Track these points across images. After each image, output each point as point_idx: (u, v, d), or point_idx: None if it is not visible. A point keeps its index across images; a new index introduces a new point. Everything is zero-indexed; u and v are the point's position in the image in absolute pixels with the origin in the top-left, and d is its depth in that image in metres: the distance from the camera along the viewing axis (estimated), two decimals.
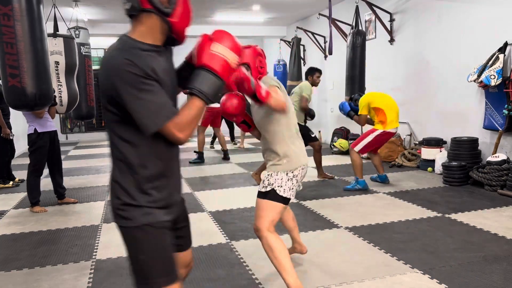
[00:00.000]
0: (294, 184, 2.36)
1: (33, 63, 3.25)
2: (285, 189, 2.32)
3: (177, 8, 1.40)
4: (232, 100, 2.33)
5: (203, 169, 6.76)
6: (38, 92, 3.28)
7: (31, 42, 3.24)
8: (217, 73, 1.41)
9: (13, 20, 3.19)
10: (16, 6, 3.20)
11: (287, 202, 2.36)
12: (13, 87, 3.23)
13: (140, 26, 1.40)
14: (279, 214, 2.35)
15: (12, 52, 3.19)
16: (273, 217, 2.32)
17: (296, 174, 2.36)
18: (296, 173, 2.36)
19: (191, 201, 4.73)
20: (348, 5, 8.05)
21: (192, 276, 2.77)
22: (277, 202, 2.32)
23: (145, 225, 1.45)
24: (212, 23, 10.50)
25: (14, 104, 3.36)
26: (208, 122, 7.43)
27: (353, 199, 4.56)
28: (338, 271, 2.77)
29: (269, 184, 2.34)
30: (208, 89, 1.40)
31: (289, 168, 2.34)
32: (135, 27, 1.42)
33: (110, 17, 9.37)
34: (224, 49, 1.43)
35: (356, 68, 6.50)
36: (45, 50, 3.39)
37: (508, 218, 3.71)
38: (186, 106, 1.40)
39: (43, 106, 3.43)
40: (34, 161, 4.47)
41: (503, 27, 4.98)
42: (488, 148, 5.30)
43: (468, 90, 5.55)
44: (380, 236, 3.39)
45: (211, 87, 1.41)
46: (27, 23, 3.24)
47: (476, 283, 2.52)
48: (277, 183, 2.32)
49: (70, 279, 2.80)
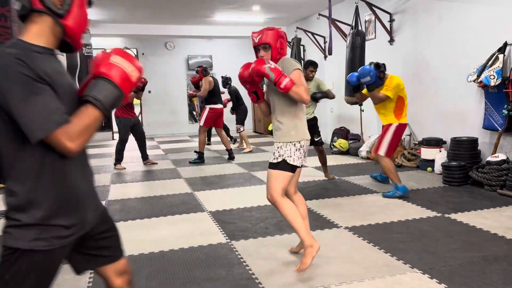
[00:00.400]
0: (302, 154, 2.72)
1: None
2: (294, 158, 2.68)
3: (72, 10, 1.35)
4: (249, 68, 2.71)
5: (203, 169, 6.77)
6: None
7: None
8: (116, 82, 1.33)
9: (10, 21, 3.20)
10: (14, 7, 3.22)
11: (295, 170, 2.73)
12: None
13: (31, 27, 1.32)
14: (287, 180, 2.71)
15: None
16: (283, 183, 2.69)
17: (302, 145, 2.72)
18: (303, 143, 2.72)
19: (191, 201, 4.74)
20: (348, 5, 8.06)
21: (192, 275, 2.78)
22: (286, 172, 2.68)
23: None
24: (212, 23, 10.50)
25: None
26: (210, 122, 7.43)
27: (353, 199, 4.57)
28: (338, 271, 2.78)
29: (280, 155, 2.69)
30: (104, 98, 1.31)
31: (296, 139, 2.69)
32: (26, 29, 1.33)
33: (110, 17, 9.37)
34: (123, 61, 1.37)
35: (356, 69, 6.50)
36: None
37: (507, 218, 3.71)
38: (77, 114, 1.29)
39: None
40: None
41: (502, 27, 4.99)
42: (487, 148, 5.30)
43: (468, 90, 5.56)
44: (380, 236, 3.39)
45: (109, 96, 1.32)
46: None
47: (476, 283, 2.52)
48: (287, 154, 2.68)
49: (70, 279, 2.80)
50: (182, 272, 2.85)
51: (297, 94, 2.59)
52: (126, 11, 8.89)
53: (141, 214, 4.29)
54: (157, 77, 12.28)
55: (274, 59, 2.70)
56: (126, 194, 5.16)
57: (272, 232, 3.56)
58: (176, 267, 2.93)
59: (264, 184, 5.47)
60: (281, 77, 2.57)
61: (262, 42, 2.71)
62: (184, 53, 12.79)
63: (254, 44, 2.76)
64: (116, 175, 6.43)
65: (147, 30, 10.56)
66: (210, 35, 11.26)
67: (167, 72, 12.42)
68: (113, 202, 4.82)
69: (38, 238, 1.30)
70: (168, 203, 4.70)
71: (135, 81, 1.39)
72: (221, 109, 7.46)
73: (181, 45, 12.73)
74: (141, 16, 9.39)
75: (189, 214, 4.25)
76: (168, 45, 12.63)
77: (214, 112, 7.33)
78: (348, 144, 7.75)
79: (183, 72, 12.80)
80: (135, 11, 8.87)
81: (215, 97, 7.34)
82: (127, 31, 10.42)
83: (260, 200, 4.59)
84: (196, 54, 12.86)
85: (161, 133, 12.45)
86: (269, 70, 2.57)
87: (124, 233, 3.86)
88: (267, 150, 8.73)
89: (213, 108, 7.33)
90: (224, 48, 12.97)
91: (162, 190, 5.33)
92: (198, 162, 7.32)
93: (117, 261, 1.62)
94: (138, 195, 5.13)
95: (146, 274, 2.84)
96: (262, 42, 2.71)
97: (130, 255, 3.19)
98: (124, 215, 4.28)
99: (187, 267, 2.92)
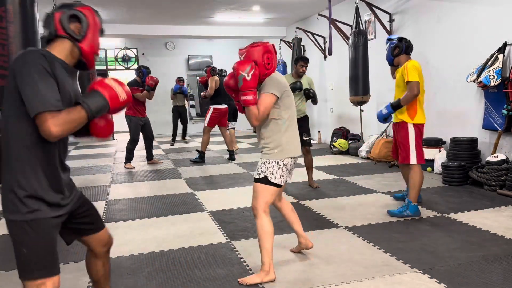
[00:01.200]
0: (285, 172, 2.64)
1: None
2: (276, 176, 2.61)
3: (87, 37, 1.74)
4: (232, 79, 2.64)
5: (204, 169, 6.77)
6: None
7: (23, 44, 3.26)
8: (105, 96, 1.66)
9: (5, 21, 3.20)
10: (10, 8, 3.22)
11: (279, 186, 2.65)
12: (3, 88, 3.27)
13: (55, 47, 1.71)
14: (272, 196, 2.66)
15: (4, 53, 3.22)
16: (267, 198, 2.64)
17: (286, 163, 2.63)
18: (286, 162, 2.63)
19: (191, 201, 4.74)
20: (347, 5, 8.06)
21: (192, 275, 2.78)
22: (270, 186, 2.62)
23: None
24: (212, 24, 10.51)
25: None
26: (214, 123, 7.45)
27: (353, 199, 4.57)
28: (338, 270, 2.78)
29: (262, 172, 2.63)
30: (92, 104, 1.63)
31: (280, 157, 2.60)
32: (51, 48, 1.72)
33: (110, 17, 9.37)
34: (116, 84, 1.71)
35: (359, 68, 6.51)
36: None
37: (507, 218, 3.72)
38: (68, 109, 1.60)
39: None
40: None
41: (502, 27, 4.99)
42: (487, 148, 5.30)
43: (468, 90, 5.56)
44: (380, 236, 3.40)
45: (96, 104, 1.64)
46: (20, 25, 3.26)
47: (475, 282, 2.53)
48: (269, 171, 2.61)
49: (70, 278, 2.81)
50: (182, 272, 2.85)
51: (249, 114, 2.54)
52: (126, 11, 8.89)
53: (141, 214, 4.30)
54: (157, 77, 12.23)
55: (262, 75, 2.56)
56: (126, 194, 5.16)
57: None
58: (176, 267, 2.93)
59: None
60: (249, 91, 2.50)
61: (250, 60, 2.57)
62: (184, 53, 12.79)
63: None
64: (116, 175, 6.44)
65: (147, 30, 10.56)
66: (210, 35, 11.27)
67: (167, 72, 12.42)
68: (113, 202, 4.82)
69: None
70: (168, 203, 4.70)
71: (122, 101, 1.72)
72: (226, 109, 7.49)
73: (181, 45, 12.74)
74: (141, 16, 9.40)
75: (189, 214, 4.25)
76: (168, 45, 12.64)
77: (218, 112, 7.37)
78: (348, 144, 7.76)
79: (183, 72, 12.80)
80: (135, 11, 8.88)
81: (219, 97, 7.38)
82: (127, 31, 10.43)
83: None
84: (196, 54, 12.87)
85: (161, 133, 12.45)
86: (242, 79, 2.49)
87: (124, 233, 3.87)
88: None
89: (217, 108, 7.36)
90: (224, 48, 12.98)
91: (162, 190, 5.33)
92: (198, 162, 7.33)
93: (98, 232, 2.01)
94: (138, 195, 5.14)
95: (146, 274, 2.84)
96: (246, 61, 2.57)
97: (130, 255, 3.19)
98: (124, 215, 4.29)
99: (187, 267, 2.92)
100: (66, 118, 1.56)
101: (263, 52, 2.54)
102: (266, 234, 2.62)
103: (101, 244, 2.03)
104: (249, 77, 2.49)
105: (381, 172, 5.94)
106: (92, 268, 2.09)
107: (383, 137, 7.01)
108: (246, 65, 2.50)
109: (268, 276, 2.63)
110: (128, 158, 7.08)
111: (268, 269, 2.63)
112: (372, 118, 7.78)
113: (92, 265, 2.08)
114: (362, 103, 6.54)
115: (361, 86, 6.45)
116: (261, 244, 2.64)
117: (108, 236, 2.07)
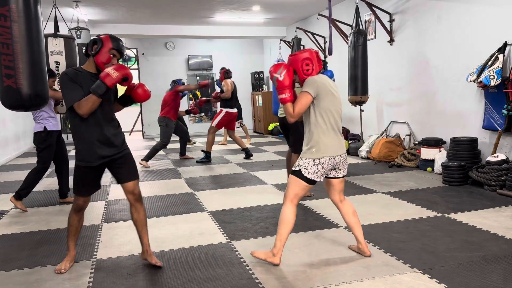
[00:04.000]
0: (320, 170, 2.81)
1: (29, 64, 3.26)
2: (309, 171, 2.80)
3: (99, 53, 2.75)
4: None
5: (204, 169, 6.77)
6: (33, 92, 3.30)
7: (28, 43, 3.25)
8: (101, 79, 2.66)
9: (10, 21, 3.19)
10: (13, 7, 3.21)
11: (312, 182, 2.83)
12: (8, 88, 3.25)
13: (87, 61, 2.84)
14: (303, 190, 2.86)
15: (8, 53, 3.21)
16: (297, 191, 2.84)
17: (322, 162, 2.80)
18: (323, 161, 2.80)
19: (191, 201, 4.74)
20: (347, 5, 8.06)
21: (192, 275, 2.78)
22: (302, 180, 2.81)
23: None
24: (212, 24, 10.51)
25: (9, 105, 3.38)
26: (223, 125, 7.49)
27: (353, 199, 4.57)
28: (338, 270, 2.78)
29: (298, 165, 2.84)
30: (94, 87, 2.65)
31: (316, 156, 2.79)
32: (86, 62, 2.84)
33: (110, 17, 9.37)
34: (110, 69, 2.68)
35: (358, 68, 6.50)
36: (42, 51, 3.41)
37: (507, 218, 3.72)
38: (85, 97, 2.66)
39: (38, 107, 3.47)
40: (44, 159, 4.49)
41: (502, 27, 4.99)
42: (487, 148, 5.31)
43: (468, 90, 5.56)
44: (380, 236, 3.40)
45: (96, 85, 2.66)
46: (24, 24, 3.25)
47: (475, 282, 2.53)
48: (304, 166, 2.81)
49: (70, 278, 2.81)
50: (182, 272, 2.85)
51: (285, 111, 2.84)
52: (126, 11, 8.89)
53: None
54: (157, 77, 12.29)
55: (302, 80, 2.86)
56: None
57: (272, 232, 3.56)
58: (176, 267, 2.93)
59: (264, 184, 5.48)
60: (283, 90, 2.80)
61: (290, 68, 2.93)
62: (184, 53, 12.79)
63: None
64: None
65: (147, 30, 10.56)
66: (210, 35, 11.27)
67: (167, 72, 12.42)
68: (113, 202, 4.82)
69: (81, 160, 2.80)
70: (168, 203, 4.70)
71: (115, 77, 2.67)
72: (236, 113, 7.58)
73: (181, 45, 12.73)
74: (141, 16, 9.39)
75: (189, 214, 4.25)
76: (168, 45, 12.64)
77: (229, 116, 7.43)
78: (348, 144, 7.75)
79: (183, 72, 12.80)
80: (135, 11, 8.88)
81: (232, 101, 7.45)
82: (127, 31, 10.43)
83: (260, 200, 4.60)
84: (196, 54, 12.87)
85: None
86: (275, 80, 2.83)
87: (124, 233, 3.87)
88: (267, 150, 8.74)
89: (229, 112, 7.41)
90: (224, 48, 12.98)
91: (162, 190, 5.33)
92: (205, 162, 7.33)
93: (127, 182, 2.87)
94: None
95: (146, 274, 2.84)
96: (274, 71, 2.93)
97: (130, 255, 3.19)
98: (124, 215, 4.29)
99: (187, 267, 2.92)
100: (84, 103, 2.64)
101: (301, 59, 2.83)
102: (285, 221, 2.83)
103: (128, 191, 2.89)
104: (282, 77, 2.79)
105: (381, 172, 5.94)
106: (131, 212, 2.98)
107: (383, 137, 7.01)
108: (278, 67, 2.83)
109: (273, 258, 2.84)
110: (149, 156, 7.18)
111: (276, 252, 2.83)
112: (373, 118, 7.79)
113: (130, 209, 2.97)
114: (360, 103, 6.53)
115: (360, 86, 6.44)
116: (278, 228, 2.86)
117: (133, 188, 2.89)
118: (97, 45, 2.72)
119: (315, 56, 2.86)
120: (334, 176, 2.93)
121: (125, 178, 2.86)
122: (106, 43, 2.73)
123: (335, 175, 2.93)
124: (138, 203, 2.92)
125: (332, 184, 2.97)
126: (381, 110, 7.60)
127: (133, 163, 2.92)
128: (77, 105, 2.62)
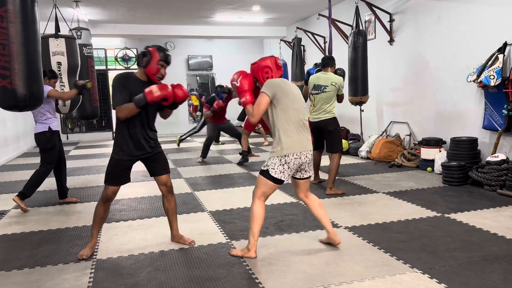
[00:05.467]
0: (286, 170, 2.93)
1: (25, 65, 3.26)
2: (276, 171, 2.92)
3: (149, 65, 2.98)
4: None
5: (204, 169, 6.77)
6: (28, 93, 3.30)
7: (24, 44, 3.26)
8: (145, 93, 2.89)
9: (6, 21, 3.20)
10: (11, 8, 3.21)
11: (279, 182, 2.95)
12: (3, 88, 3.25)
13: (139, 69, 3.08)
14: (270, 189, 2.99)
15: (4, 53, 3.21)
16: (264, 190, 2.99)
17: (288, 161, 2.91)
18: (288, 160, 2.91)
19: (191, 201, 4.74)
20: (347, 5, 8.06)
21: (192, 275, 2.78)
22: (269, 180, 2.95)
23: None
24: (212, 24, 10.51)
25: (5, 105, 3.39)
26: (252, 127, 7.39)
27: (353, 199, 4.57)
28: (338, 270, 2.78)
29: (266, 165, 2.98)
30: (136, 99, 2.90)
31: (281, 154, 2.91)
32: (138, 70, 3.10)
33: (110, 17, 9.37)
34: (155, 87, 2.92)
35: (358, 68, 6.50)
36: (38, 52, 3.42)
37: (507, 218, 3.72)
38: (126, 104, 2.92)
39: (33, 107, 3.48)
40: (49, 159, 4.49)
41: (502, 27, 4.99)
42: (487, 148, 5.31)
43: (468, 90, 5.56)
44: (380, 235, 3.40)
45: (138, 98, 2.90)
46: (21, 25, 3.25)
47: (475, 282, 2.53)
48: (271, 166, 2.94)
49: (70, 278, 2.81)
50: (182, 272, 2.86)
51: (247, 113, 3.03)
52: (126, 11, 8.89)
53: (141, 214, 4.30)
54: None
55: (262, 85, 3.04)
56: (126, 194, 5.15)
57: (272, 232, 3.56)
58: (176, 267, 2.93)
59: None
60: (242, 94, 3.02)
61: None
62: (184, 53, 12.79)
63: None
64: None
65: (147, 30, 10.56)
66: (210, 35, 11.26)
67: (167, 72, 12.39)
68: (113, 202, 4.80)
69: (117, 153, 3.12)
70: None
71: (156, 95, 2.90)
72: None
73: (181, 45, 12.73)
74: (141, 16, 9.40)
75: (189, 214, 4.25)
76: (168, 45, 12.63)
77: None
78: (348, 144, 7.75)
79: (183, 72, 12.81)
80: (135, 11, 8.88)
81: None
82: (127, 31, 10.43)
83: None
84: (196, 54, 12.87)
85: (161, 133, 12.42)
86: (233, 86, 3.09)
87: (124, 233, 3.87)
88: (267, 150, 8.74)
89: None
90: (224, 48, 12.97)
91: None
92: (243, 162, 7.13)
93: (160, 175, 3.22)
94: (138, 195, 5.14)
95: (146, 274, 2.85)
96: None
97: (130, 255, 3.20)
98: (124, 215, 4.29)
99: (187, 267, 2.93)
100: (124, 108, 2.91)
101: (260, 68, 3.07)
102: (255, 217, 2.97)
103: (161, 183, 3.23)
104: (238, 83, 3.04)
105: (381, 172, 5.94)
106: (163, 203, 3.33)
107: (383, 137, 7.01)
108: (235, 75, 3.09)
109: (249, 253, 3.00)
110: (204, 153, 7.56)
111: (251, 247, 3.00)
112: (373, 118, 7.79)
113: (163, 199, 3.32)
114: (360, 103, 6.53)
115: (360, 86, 6.44)
116: (250, 225, 3.00)
117: (166, 180, 3.23)
118: (146, 58, 2.96)
119: (274, 63, 3.07)
120: (300, 177, 3.09)
121: (158, 171, 3.20)
122: (154, 56, 2.96)
123: (300, 176, 3.08)
124: (169, 194, 3.27)
125: (298, 184, 3.14)
126: (381, 110, 7.60)
127: (165, 159, 3.24)
128: (118, 108, 2.91)
